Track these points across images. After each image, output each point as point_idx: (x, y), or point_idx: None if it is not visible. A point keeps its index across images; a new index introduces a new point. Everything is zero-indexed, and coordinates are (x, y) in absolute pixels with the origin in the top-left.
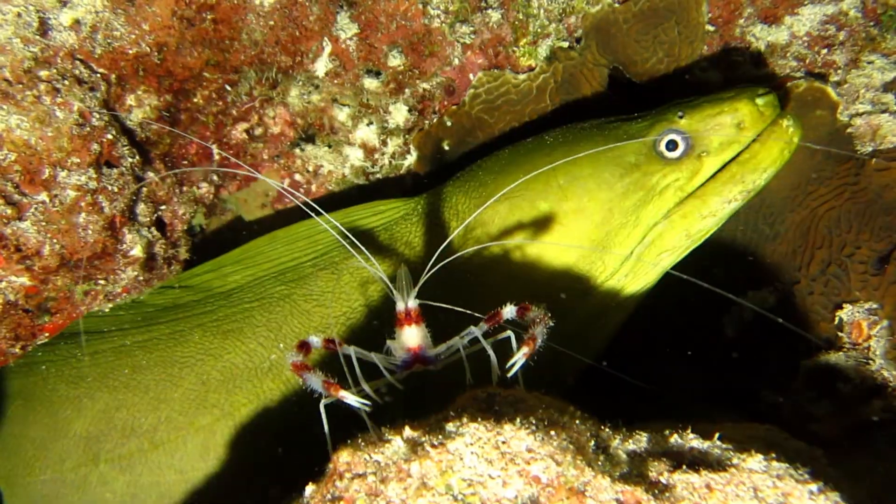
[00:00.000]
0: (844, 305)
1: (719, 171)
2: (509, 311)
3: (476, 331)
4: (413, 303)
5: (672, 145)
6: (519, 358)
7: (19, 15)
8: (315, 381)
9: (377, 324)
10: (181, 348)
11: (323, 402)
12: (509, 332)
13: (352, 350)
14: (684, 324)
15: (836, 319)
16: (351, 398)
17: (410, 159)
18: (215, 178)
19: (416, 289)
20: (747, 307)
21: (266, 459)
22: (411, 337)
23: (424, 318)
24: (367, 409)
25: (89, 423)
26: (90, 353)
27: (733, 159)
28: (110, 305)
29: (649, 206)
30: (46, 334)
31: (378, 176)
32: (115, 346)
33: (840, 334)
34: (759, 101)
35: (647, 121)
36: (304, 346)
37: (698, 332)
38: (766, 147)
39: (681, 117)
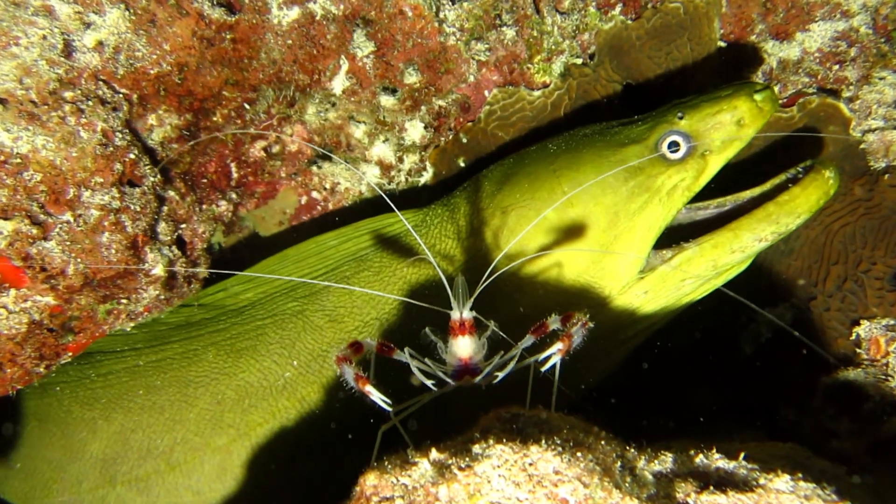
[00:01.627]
0: (862, 321)
1: (756, 208)
2: (555, 320)
3: (522, 344)
4: (468, 313)
5: (674, 146)
6: (553, 352)
7: (44, 37)
8: (349, 372)
9: (427, 333)
10: (195, 368)
11: (382, 428)
12: (558, 346)
13: (407, 356)
14: (700, 341)
15: (854, 335)
16: (375, 394)
17: (426, 176)
18: (234, 195)
19: (472, 299)
20: (763, 323)
21: (283, 479)
22: (464, 347)
23: (477, 330)
24: (389, 409)
25: (105, 445)
26: (104, 374)
27: (769, 196)
28: (132, 324)
29: (658, 208)
30: (69, 354)
31: (395, 193)
32: (128, 366)
33: (858, 351)
34: (758, 96)
35: (647, 123)
36: (355, 345)
37: (715, 350)
38: (806, 193)
39: (680, 118)
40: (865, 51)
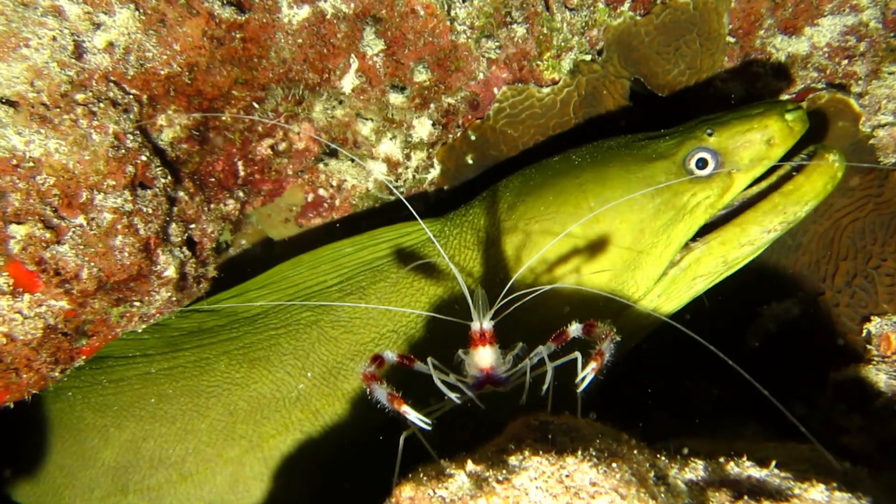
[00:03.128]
0: (872, 318)
1: (761, 200)
2: (575, 329)
3: (543, 350)
4: (488, 324)
5: (702, 163)
6: (588, 373)
7: (54, 39)
8: (381, 392)
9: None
10: (207, 377)
11: (403, 434)
12: (577, 354)
13: (429, 367)
14: (705, 334)
15: (865, 332)
16: (413, 414)
17: (434, 173)
18: (241, 194)
19: (493, 310)
20: (770, 317)
21: (297, 491)
22: (485, 357)
23: (497, 340)
24: (428, 427)
25: (117, 453)
26: (115, 381)
27: (774, 187)
28: (144, 326)
29: (680, 224)
30: (83, 357)
31: (401, 190)
32: (140, 373)
33: (869, 347)
34: (789, 116)
35: (675, 138)
36: (377, 360)
37: (720, 343)
38: (811, 180)
39: (710, 134)
40: (875, 45)
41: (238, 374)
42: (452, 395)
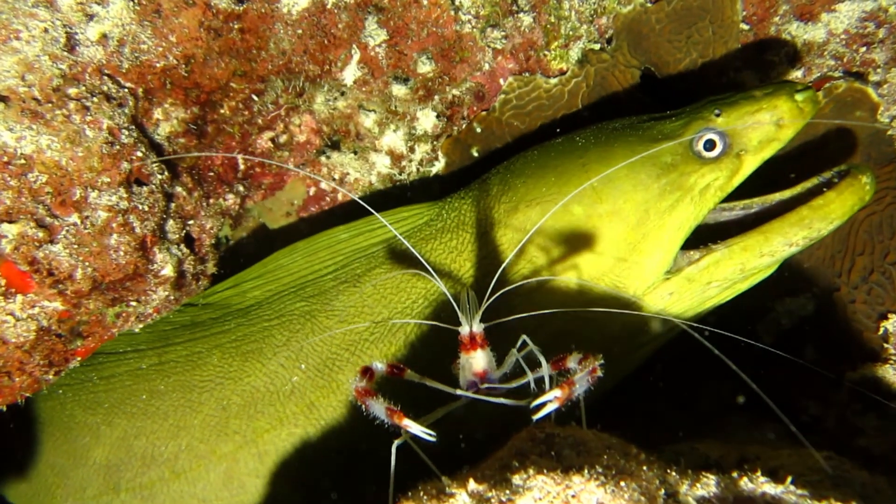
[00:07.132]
0: (889, 315)
1: (788, 212)
2: (574, 359)
3: (545, 373)
4: (478, 326)
5: (710, 144)
6: (549, 399)
7: (46, 31)
8: (378, 408)
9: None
10: (199, 371)
11: (396, 442)
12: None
13: (419, 377)
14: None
15: (881, 330)
16: (415, 427)
17: (438, 166)
18: (241, 188)
19: (481, 311)
20: (783, 312)
21: (291, 488)
22: (478, 361)
23: (489, 341)
24: (433, 439)
25: (109, 451)
26: (106, 377)
27: (801, 200)
28: (141, 326)
29: (689, 207)
30: (78, 358)
31: (405, 183)
32: (131, 369)
33: (886, 345)
34: (799, 96)
35: (682, 119)
36: (367, 372)
37: (732, 340)
38: (841, 198)
39: (717, 115)
40: (894, 32)
41: (231, 368)
42: (461, 390)
